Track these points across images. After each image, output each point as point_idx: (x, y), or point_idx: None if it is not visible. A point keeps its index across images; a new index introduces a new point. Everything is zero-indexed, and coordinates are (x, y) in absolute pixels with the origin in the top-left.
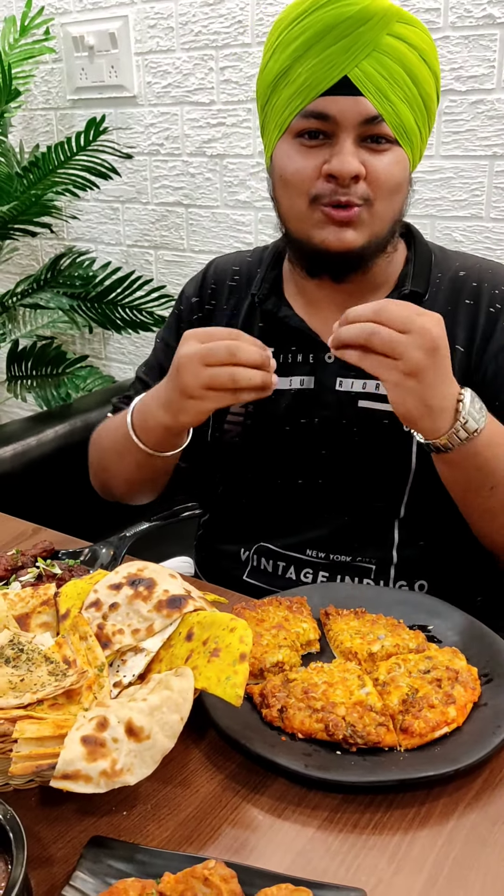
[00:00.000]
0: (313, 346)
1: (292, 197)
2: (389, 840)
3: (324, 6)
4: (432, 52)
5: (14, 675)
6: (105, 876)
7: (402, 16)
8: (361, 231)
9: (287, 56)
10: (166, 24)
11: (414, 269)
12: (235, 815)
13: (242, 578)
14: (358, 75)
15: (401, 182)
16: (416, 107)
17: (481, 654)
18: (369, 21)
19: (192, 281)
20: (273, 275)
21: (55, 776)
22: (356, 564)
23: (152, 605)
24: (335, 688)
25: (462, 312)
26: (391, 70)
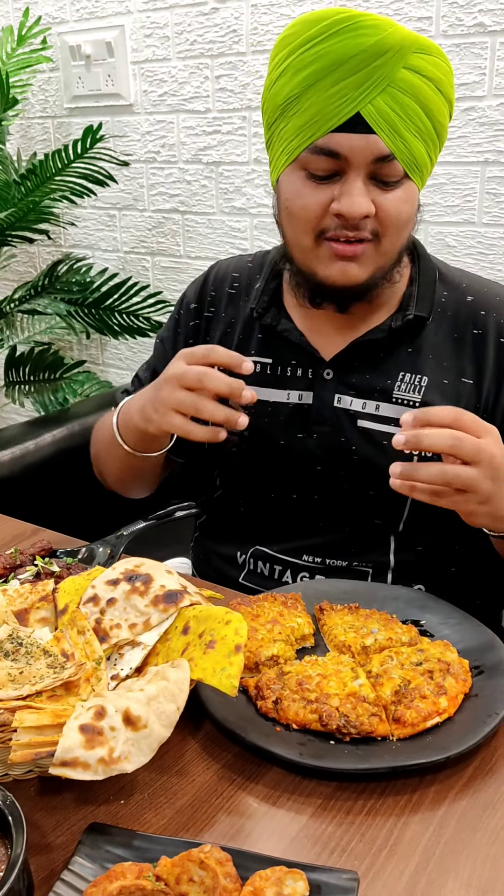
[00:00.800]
0: (312, 361)
1: (298, 231)
2: (382, 826)
3: (338, 34)
4: (447, 80)
5: (13, 668)
6: (103, 861)
7: (419, 45)
8: (366, 266)
9: (298, 83)
10: (162, 34)
11: (419, 290)
12: (231, 804)
13: (238, 581)
14: (371, 112)
15: (409, 217)
16: (428, 139)
17: (473, 647)
18: (385, 54)
19: (193, 285)
20: (273, 285)
21: (54, 763)
22: (353, 569)
23: (149, 600)
24: (329, 680)
25: (469, 342)
26: (405, 105)
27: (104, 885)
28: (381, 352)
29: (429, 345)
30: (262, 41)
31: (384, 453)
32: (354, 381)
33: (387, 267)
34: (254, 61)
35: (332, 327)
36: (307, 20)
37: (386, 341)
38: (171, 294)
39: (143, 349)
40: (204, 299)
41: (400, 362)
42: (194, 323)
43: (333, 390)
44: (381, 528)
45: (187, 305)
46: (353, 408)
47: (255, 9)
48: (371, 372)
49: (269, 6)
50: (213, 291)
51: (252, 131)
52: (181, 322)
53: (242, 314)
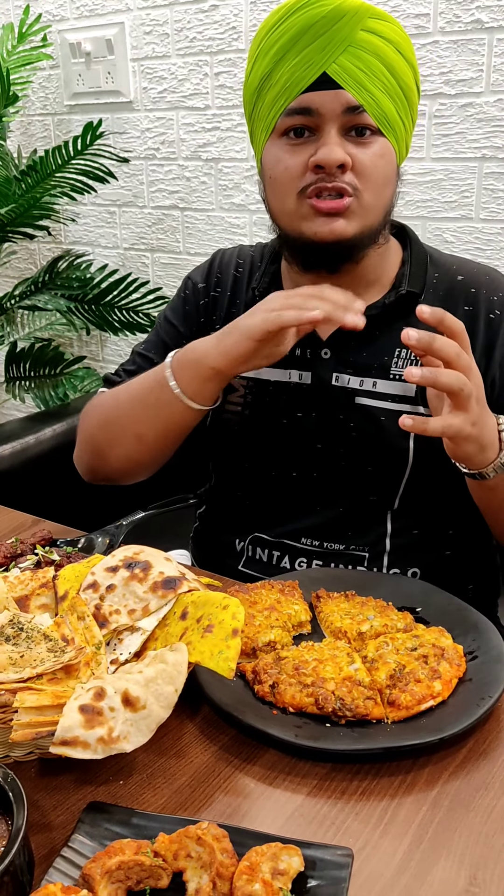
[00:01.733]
0: (310, 341)
1: (281, 194)
2: (376, 805)
3: (298, 10)
4: (407, 45)
5: (14, 652)
6: (102, 838)
7: (373, 12)
8: (352, 221)
9: (268, 61)
10: (162, 31)
11: (410, 269)
12: (228, 784)
13: (238, 568)
14: (336, 70)
15: (388, 173)
16: (396, 97)
17: (467, 633)
18: (342, 18)
19: (199, 269)
20: (273, 269)
21: (54, 742)
22: (349, 553)
23: (148, 587)
24: (325, 664)
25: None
26: (368, 63)
27: (103, 860)
28: (377, 329)
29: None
30: None
31: (382, 429)
32: (352, 359)
33: (373, 226)
34: None
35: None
36: (272, 12)
37: (380, 318)
38: (171, 290)
39: None
40: (211, 280)
41: (395, 339)
42: (203, 301)
43: (332, 369)
44: (378, 504)
45: (194, 286)
46: (350, 385)
47: (254, 6)
48: (368, 349)
49: (268, 3)
50: (220, 273)
51: None
52: (188, 300)
53: (245, 297)
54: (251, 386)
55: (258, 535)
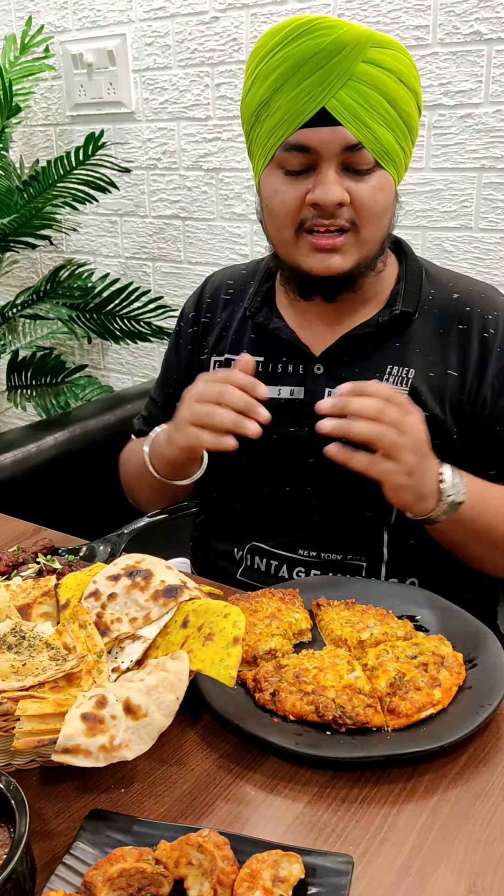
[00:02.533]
0: (303, 357)
1: (278, 226)
2: (376, 813)
3: (298, 38)
4: (409, 72)
5: (16, 661)
6: (104, 846)
7: (376, 40)
8: (348, 256)
9: (266, 88)
10: (163, 42)
11: (406, 287)
12: (229, 792)
13: (236, 577)
14: (335, 105)
15: (386, 205)
16: (396, 128)
17: (467, 641)
18: (343, 51)
19: (191, 297)
20: (266, 287)
21: (56, 750)
22: (347, 562)
23: (149, 595)
24: (325, 672)
25: (454, 337)
26: (368, 97)
27: (105, 867)
28: (370, 346)
29: (415, 339)
30: None
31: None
32: (344, 375)
33: (370, 256)
34: None
35: (322, 323)
36: (272, 30)
37: (374, 336)
38: (172, 299)
39: (143, 354)
40: (201, 307)
41: (388, 356)
42: (192, 330)
43: (324, 384)
44: (374, 520)
45: (186, 316)
46: None
47: (255, 18)
48: (360, 366)
49: (269, 15)
50: (209, 299)
51: None
52: (182, 333)
53: (236, 316)
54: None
55: (256, 544)
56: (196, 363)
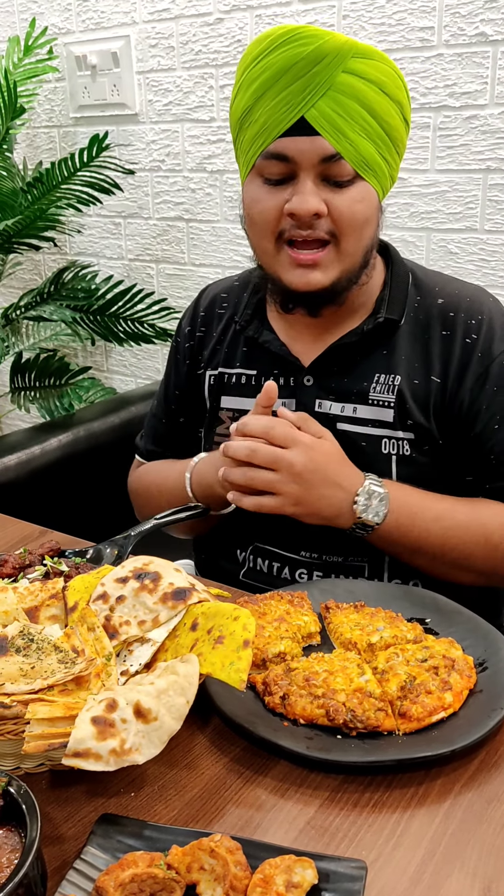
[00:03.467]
0: (293, 369)
1: (259, 236)
2: (389, 818)
3: (280, 46)
4: (392, 83)
5: (25, 664)
6: (115, 851)
7: (357, 50)
8: (329, 271)
9: (249, 95)
10: (167, 44)
11: (391, 293)
12: (240, 796)
13: (239, 578)
14: (314, 115)
15: (367, 216)
16: (377, 139)
17: (477, 644)
18: (323, 60)
19: (187, 311)
20: (256, 299)
21: (67, 754)
22: (349, 564)
23: (158, 598)
24: (335, 676)
25: (437, 343)
26: (347, 108)
27: (116, 873)
28: (357, 355)
29: (401, 346)
30: None
31: (363, 454)
32: (333, 386)
33: (353, 270)
34: None
35: (310, 334)
36: (257, 39)
37: (359, 345)
38: (176, 301)
39: (147, 356)
40: (196, 321)
41: (374, 364)
42: (189, 345)
43: (314, 395)
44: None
45: (183, 331)
46: (332, 411)
47: (260, 19)
48: (348, 375)
49: (273, 17)
50: (203, 313)
51: None
52: (179, 348)
53: (230, 330)
54: (235, 417)
55: (259, 545)
56: (193, 378)
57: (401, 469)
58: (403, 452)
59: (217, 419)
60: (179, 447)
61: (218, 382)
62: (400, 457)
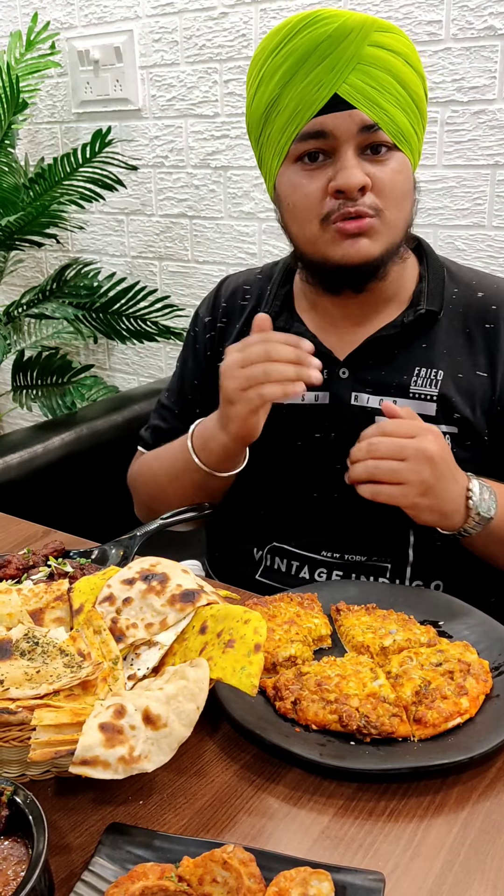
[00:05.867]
0: (327, 361)
1: (302, 221)
2: (405, 827)
3: (301, 31)
4: (414, 55)
5: (30, 668)
6: (124, 862)
7: (379, 25)
8: (377, 240)
9: (274, 85)
10: (171, 38)
11: (428, 286)
12: (251, 804)
13: (255, 578)
14: (347, 90)
15: (407, 187)
16: (408, 109)
17: (492, 647)
18: (348, 36)
19: (205, 301)
20: (284, 291)
21: (74, 762)
22: (372, 563)
23: (165, 600)
24: (348, 680)
25: (481, 337)
26: (379, 79)
27: (126, 885)
28: (395, 348)
29: (442, 340)
30: None
31: None
32: (370, 379)
33: (397, 242)
34: None
35: (345, 326)
36: (272, 32)
37: (399, 337)
38: (179, 298)
39: (149, 354)
40: (216, 312)
41: (415, 357)
42: (210, 335)
43: (350, 388)
44: (401, 522)
45: (201, 320)
46: (370, 405)
47: (265, 13)
48: (386, 368)
49: (278, 10)
50: (225, 303)
51: None
52: (198, 337)
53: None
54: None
55: (277, 545)
56: (213, 369)
57: None
58: None
59: None
60: None
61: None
62: None
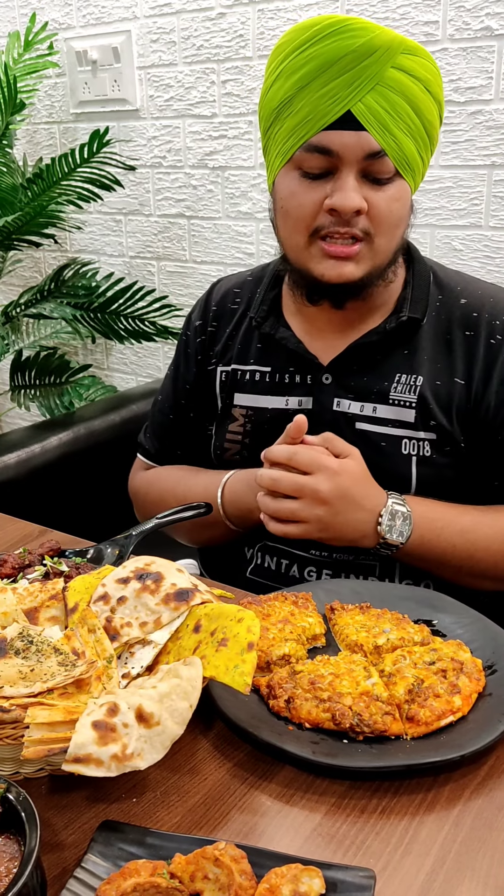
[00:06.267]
0: (311, 367)
1: (292, 230)
2: (397, 825)
3: (328, 37)
4: (436, 81)
5: (24, 666)
6: (116, 859)
7: (406, 46)
8: (361, 265)
9: (291, 85)
10: (168, 39)
11: (412, 293)
12: (244, 802)
13: (246, 575)
14: (361, 110)
15: (402, 216)
16: (418, 137)
17: (486, 646)
18: (373, 54)
19: (197, 305)
20: (272, 295)
21: (67, 760)
22: (360, 562)
23: (160, 599)
24: (341, 679)
25: (461, 344)
26: (394, 104)
27: (118, 882)
28: (378, 354)
29: (424, 346)
30: (268, 46)
31: (382, 454)
32: (353, 384)
33: (382, 266)
34: (260, 66)
35: (329, 332)
36: (300, 27)
37: (381, 344)
38: (177, 298)
39: (148, 354)
40: (207, 316)
41: (396, 364)
42: (200, 339)
43: (332, 394)
44: None
45: (193, 325)
46: (351, 410)
47: (262, 14)
48: (368, 374)
49: (276, 11)
50: (216, 307)
51: (258, 136)
52: (190, 342)
53: (243, 325)
54: (250, 415)
55: (268, 543)
56: (204, 373)
57: (421, 470)
58: (424, 453)
59: (230, 416)
60: (188, 443)
61: (230, 379)
62: (420, 458)
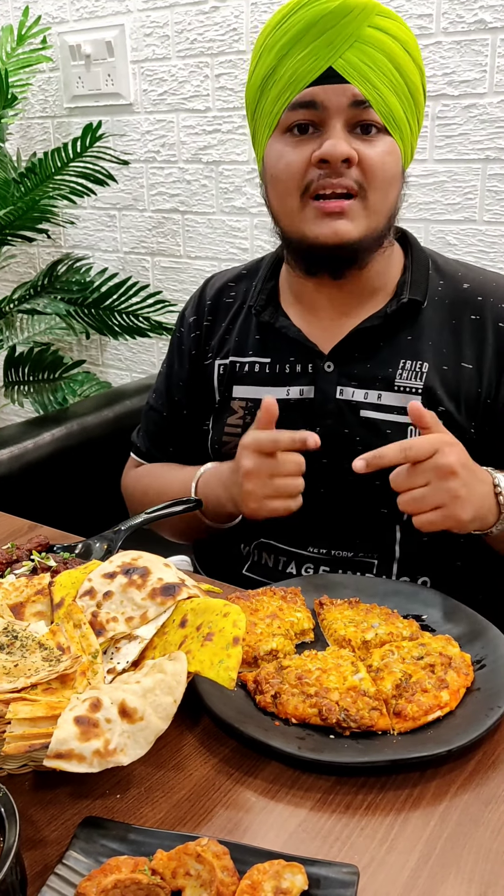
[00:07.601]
0: (312, 355)
1: (283, 193)
2: (382, 820)
3: (304, 6)
4: (414, 45)
5: (8, 661)
6: (98, 855)
7: (380, 9)
8: (356, 223)
9: (272, 57)
10: (162, 33)
11: (412, 276)
12: (229, 798)
13: (242, 573)
14: (342, 65)
15: (394, 173)
16: (402, 95)
17: (474, 641)
18: (350, 14)
19: (190, 300)
20: (270, 285)
21: (48, 755)
22: (359, 559)
23: (146, 594)
24: (329, 674)
25: (467, 328)
26: (375, 58)
27: (99, 878)
28: (380, 340)
29: (427, 332)
30: None
31: (388, 442)
32: (356, 372)
33: (378, 229)
34: None
35: (328, 319)
36: (278, 10)
37: (383, 328)
38: (171, 294)
39: (142, 349)
40: (202, 310)
41: (400, 350)
42: (195, 334)
43: (335, 382)
44: (388, 517)
45: (187, 321)
46: (355, 398)
47: (255, 7)
48: (371, 361)
49: (269, 4)
50: (210, 302)
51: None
52: (184, 338)
53: (239, 318)
54: (250, 407)
55: (264, 540)
56: (200, 369)
57: None
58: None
59: (229, 409)
60: (182, 442)
61: (229, 372)
62: None
